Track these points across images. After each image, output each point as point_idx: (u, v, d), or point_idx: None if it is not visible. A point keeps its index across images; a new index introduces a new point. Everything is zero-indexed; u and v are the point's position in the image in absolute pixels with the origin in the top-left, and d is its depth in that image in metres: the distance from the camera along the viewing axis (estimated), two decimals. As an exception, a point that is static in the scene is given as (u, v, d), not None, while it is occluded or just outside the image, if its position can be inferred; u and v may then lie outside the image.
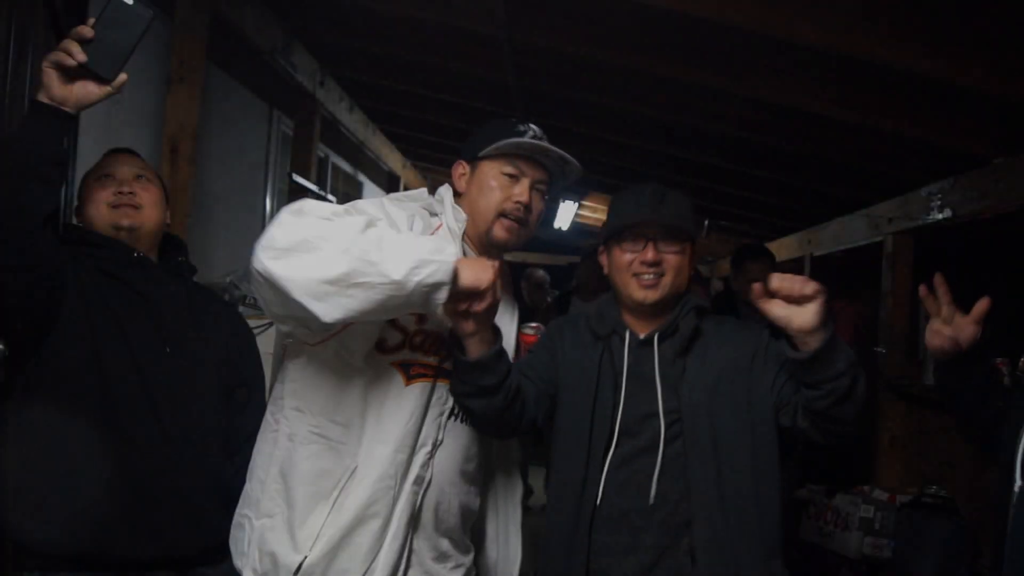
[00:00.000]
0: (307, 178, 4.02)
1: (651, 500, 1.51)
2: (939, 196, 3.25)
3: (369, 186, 6.42)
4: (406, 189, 3.58)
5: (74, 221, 1.78)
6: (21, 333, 1.56)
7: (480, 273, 1.36)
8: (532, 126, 1.59)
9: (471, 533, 1.67)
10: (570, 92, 3.48)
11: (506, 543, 1.72)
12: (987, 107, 2.58)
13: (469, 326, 1.41)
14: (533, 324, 1.77)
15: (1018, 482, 1.39)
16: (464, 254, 1.54)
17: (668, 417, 1.53)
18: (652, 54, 2.76)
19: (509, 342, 1.64)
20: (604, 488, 1.54)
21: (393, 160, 5.73)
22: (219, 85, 3.58)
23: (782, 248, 5.24)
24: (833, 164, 3.58)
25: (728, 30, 2.39)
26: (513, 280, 1.83)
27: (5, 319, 1.53)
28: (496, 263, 1.40)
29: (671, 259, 1.58)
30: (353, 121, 4.67)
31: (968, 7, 2.11)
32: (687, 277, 1.62)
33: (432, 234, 1.52)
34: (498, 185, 1.56)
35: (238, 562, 1.50)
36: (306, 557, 1.41)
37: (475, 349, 1.45)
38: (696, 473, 1.51)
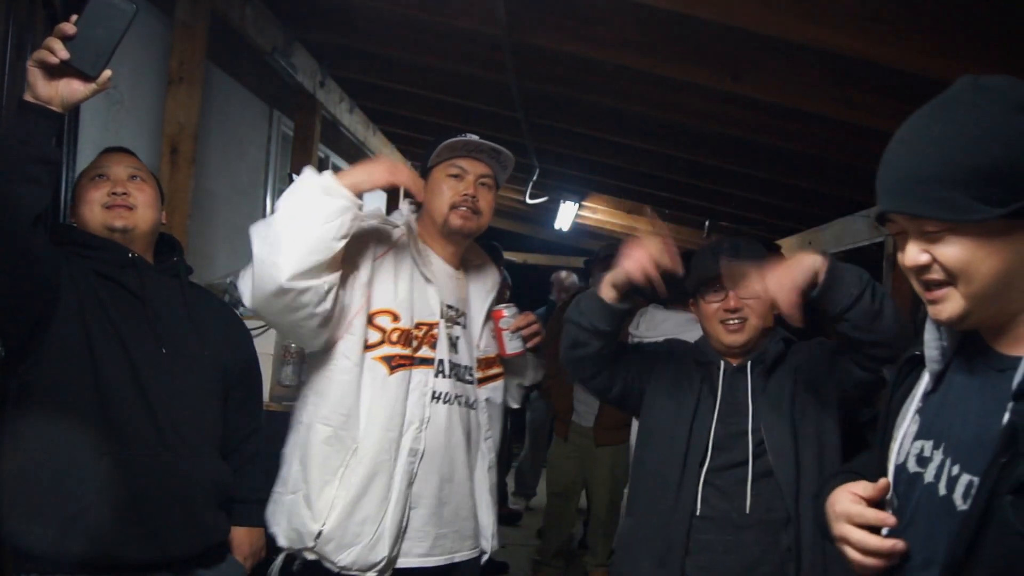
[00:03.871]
0: (307, 178, 4.01)
1: (747, 508, 1.68)
2: (940, 197, 3.23)
3: (369, 186, 6.42)
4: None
5: (69, 221, 1.77)
6: (15, 335, 1.55)
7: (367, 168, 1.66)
8: (470, 134, 1.85)
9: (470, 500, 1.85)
10: (570, 92, 3.48)
11: (488, 509, 1.90)
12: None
13: None
14: (507, 303, 1.94)
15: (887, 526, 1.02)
16: (429, 257, 1.84)
17: (755, 436, 1.71)
18: (652, 54, 2.75)
19: (481, 316, 1.93)
20: (703, 494, 1.71)
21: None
22: (219, 85, 3.58)
23: (783, 249, 5.23)
24: (834, 164, 3.58)
25: (728, 30, 2.39)
26: (506, 268, 1.96)
27: (0, 321, 1.52)
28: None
29: (752, 303, 1.75)
30: (353, 122, 4.67)
31: (968, 7, 2.11)
32: (771, 317, 1.79)
33: (395, 240, 1.82)
34: (447, 185, 1.83)
35: (273, 530, 1.75)
36: (324, 524, 1.66)
37: (608, 295, 1.71)
38: (782, 477, 1.68)
